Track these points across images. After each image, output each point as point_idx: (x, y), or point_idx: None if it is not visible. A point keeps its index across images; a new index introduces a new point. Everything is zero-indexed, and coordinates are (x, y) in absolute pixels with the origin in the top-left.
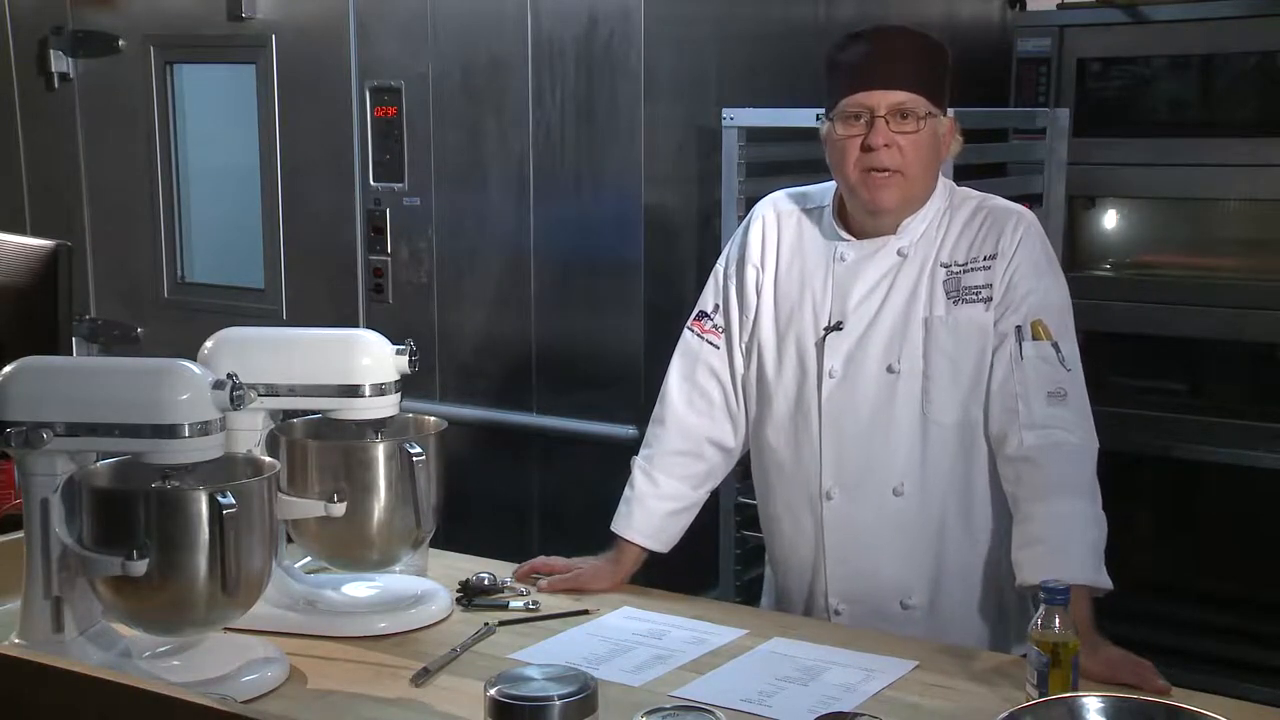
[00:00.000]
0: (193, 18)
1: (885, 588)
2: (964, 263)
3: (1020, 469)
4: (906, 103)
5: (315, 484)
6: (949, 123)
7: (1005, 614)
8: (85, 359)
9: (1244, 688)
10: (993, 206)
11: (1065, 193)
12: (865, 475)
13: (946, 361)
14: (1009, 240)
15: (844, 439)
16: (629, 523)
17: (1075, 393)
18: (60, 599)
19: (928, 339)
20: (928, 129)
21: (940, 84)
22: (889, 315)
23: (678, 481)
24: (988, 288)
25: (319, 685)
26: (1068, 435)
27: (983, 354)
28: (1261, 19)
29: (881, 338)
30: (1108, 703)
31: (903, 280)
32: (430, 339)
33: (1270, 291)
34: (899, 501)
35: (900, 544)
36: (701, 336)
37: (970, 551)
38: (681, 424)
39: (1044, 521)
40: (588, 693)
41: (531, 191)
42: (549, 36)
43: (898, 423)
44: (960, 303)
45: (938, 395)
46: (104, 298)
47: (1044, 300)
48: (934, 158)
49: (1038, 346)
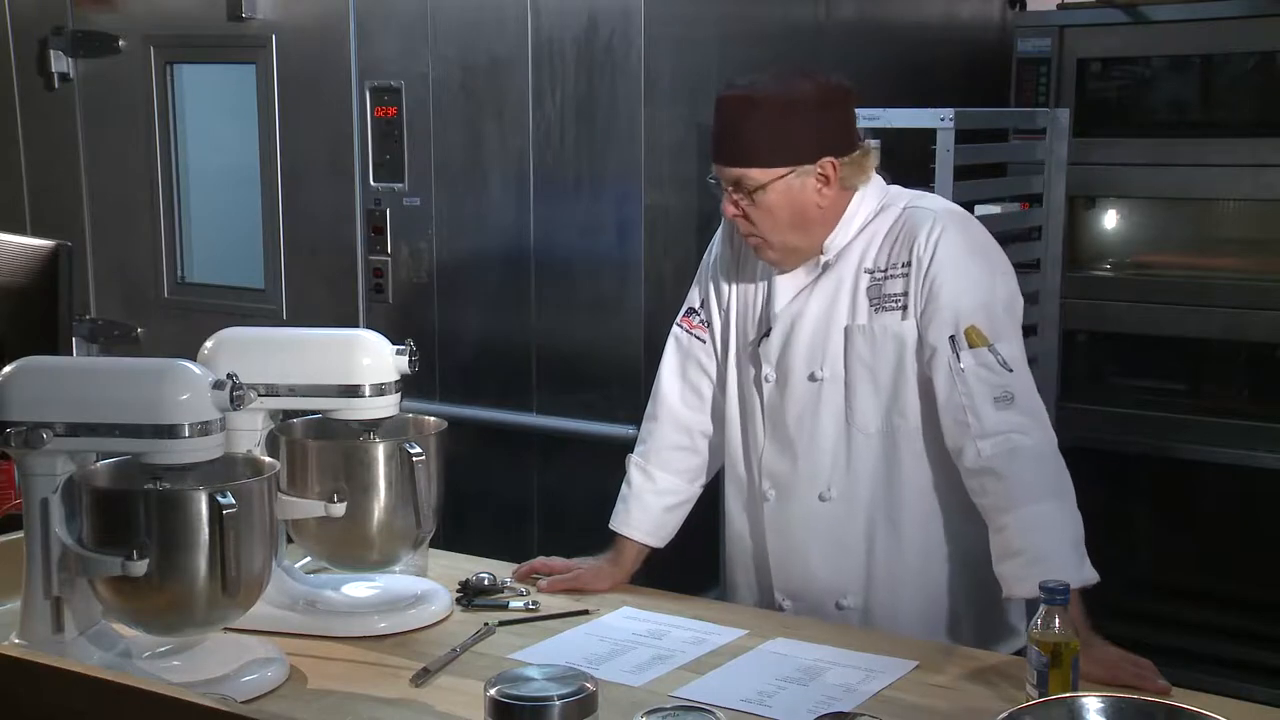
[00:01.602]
0: (193, 18)
1: (820, 588)
2: (884, 269)
3: (984, 481)
4: (740, 178)
5: (315, 484)
6: (825, 165)
7: (961, 622)
8: (85, 359)
9: (1244, 688)
10: (914, 209)
11: (1065, 193)
12: (795, 479)
13: (865, 370)
14: (923, 246)
15: (778, 442)
16: (627, 520)
17: (1022, 392)
18: (60, 599)
19: (848, 347)
20: (772, 194)
21: (792, 139)
22: (809, 323)
23: (674, 476)
24: (905, 295)
25: (319, 685)
26: (1023, 438)
27: (900, 363)
28: (1261, 19)
29: (804, 345)
30: (1108, 703)
31: (823, 288)
32: (430, 339)
33: (1270, 291)
34: (825, 507)
35: (829, 548)
36: (690, 332)
37: (900, 556)
38: (676, 419)
39: (1018, 532)
40: (588, 693)
41: (531, 192)
42: (549, 36)
43: (823, 429)
44: (880, 310)
45: (859, 404)
46: (104, 298)
47: (972, 303)
48: (796, 214)
49: (975, 354)
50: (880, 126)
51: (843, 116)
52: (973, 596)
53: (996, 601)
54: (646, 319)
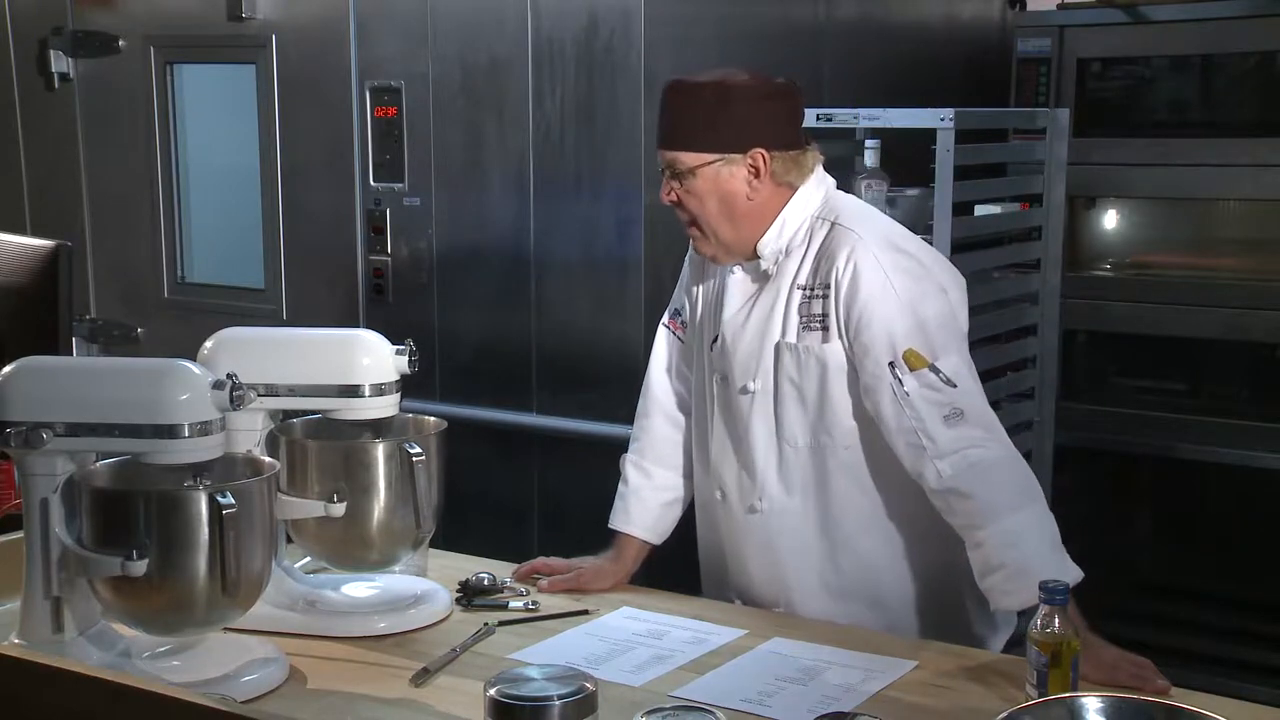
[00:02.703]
0: (193, 18)
1: (758, 592)
2: (812, 287)
3: (950, 501)
4: (672, 161)
5: (315, 484)
6: (757, 154)
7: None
8: (85, 359)
9: (1244, 688)
10: (838, 229)
11: (1065, 193)
12: (735, 487)
13: (792, 387)
14: (842, 269)
15: (722, 449)
16: (627, 517)
17: (970, 405)
18: (60, 599)
19: (778, 363)
20: (701, 179)
21: (723, 127)
22: (747, 335)
23: (670, 472)
24: (825, 317)
25: (319, 685)
26: (980, 451)
27: (823, 382)
28: (1261, 19)
29: (741, 357)
30: (1108, 703)
31: (761, 302)
32: (430, 339)
33: (1270, 291)
34: (758, 518)
35: (762, 557)
36: (675, 333)
37: (834, 572)
38: (667, 415)
39: (995, 547)
40: (588, 693)
41: (531, 192)
42: (549, 36)
43: (755, 442)
44: (806, 329)
45: (788, 419)
46: (104, 298)
47: (904, 326)
48: (724, 203)
49: (918, 376)
50: (880, 126)
51: (782, 111)
52: (929, 611)
53: (955, 612)
54: (646, 319)
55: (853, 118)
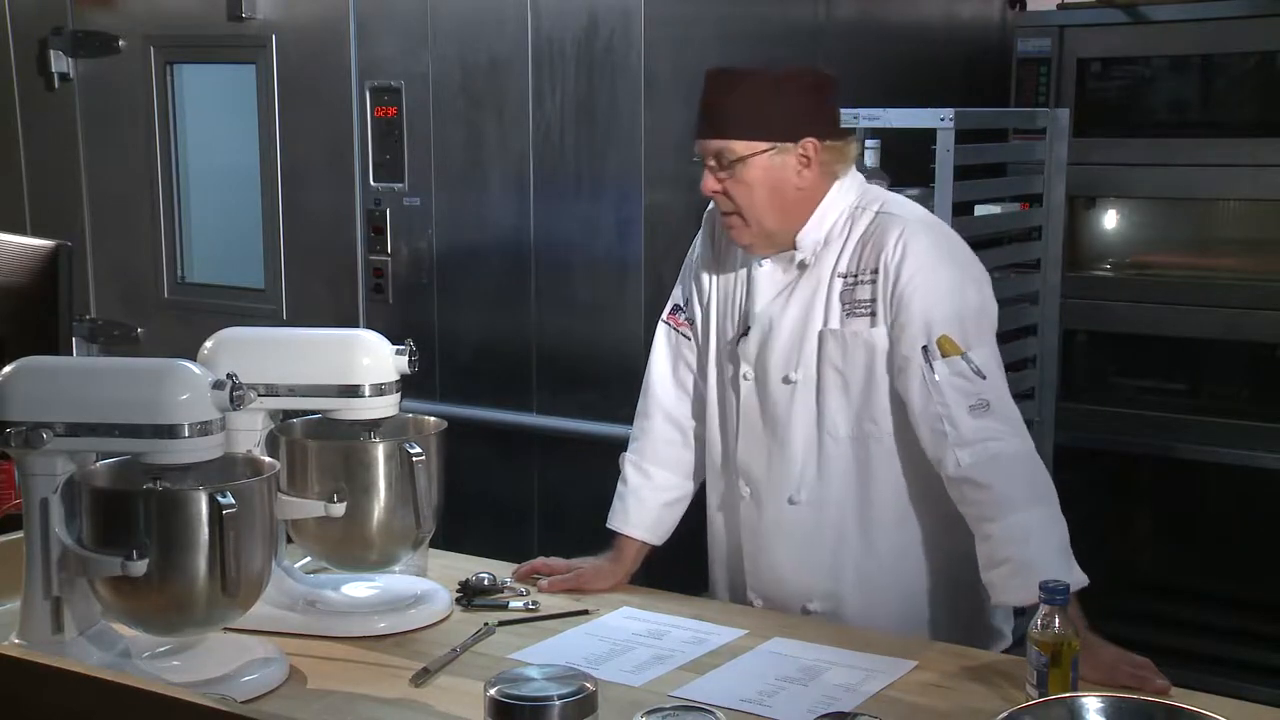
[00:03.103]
0: (193, 18)
1: (789, 591)
2: (855, 274)
3: (964, 490)
4: (721, 149)
5: (315, 484)
6: (807, 144)
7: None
8: (85, 359)
9: (1244, 688)
10: (884, 215)
11: (1065, 193)
12: (768, 481)
13: (837, 375)
14: (891, 253)
15: (753, 443)
16: (625, 518)
17: (997, 399)
18: (60, 599)
19: (821, 351)
20: (753, 169)
21: (776, 115)
22: (787, 325)
23: (669, 472)
24: (873, 302)
25: (319, 685)
26: (1001, 444)
27: (870, 369)
28: (1261, 19)
29: (781, 347)
30: (1108, 703)
31: (800, 291)
32: (430, 339)
33: (1270, 291)
34: (795, 510)
35: (798, 552)
36: (676, 330)
37: (872, 561)
38: (668, 415)
39: (1003, 541)
40: (588, 693)
41: (532, 192)
42: (549, 36)
43: (795, 433)
44: (851, 315)
45: (830, 408)
46: (104, 298)
47: (943, 312)
48: (774, 193)
49: (949, 363)
50: (880, 126)
51: (828, 101)
52: (952, 600)
53: (977, 604)
54: (646, 319)
55: (853, 118)
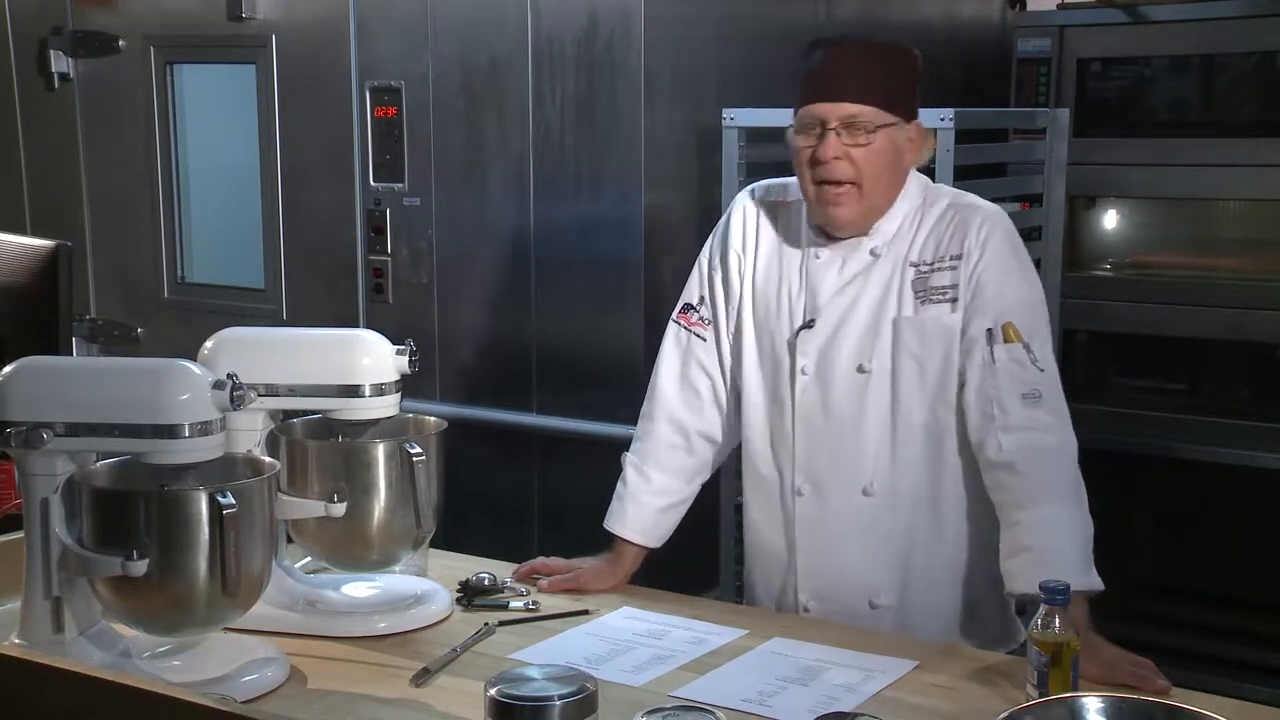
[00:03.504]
0: (193, 18)
1: (854, 587)
2: (931, 262)
3: (1001, 476)
4: (857, 115)
5: (315, 484)
6: (914, 128)
7: (976, 616)
8: (85, 359)
9: (1244, 688)
10: (962, 205)
11: (1065, 193)
12: (835, 474)
13: (913, 362)
14: (974, 240)
15: (816, 437)
16: (622, 520)
17: (1050, 393)
18: (60, 599)
19: (896, 339)
20: (882, 139)
21: (901, 91)
22: (861, 315)
23: (669, 476)
24: (954, 288)
25: (319, 685)
26: (1045, 437)
27: (948, 355)
28: (1261, 19)
29: (853, 337)
30: (1108, 703)
31: (874, 280)
32: (430, 339)
33: (1270, 291)
34: (868, 501)
35: (868, 544)
36: (689, 329)
37: (939, 553)
38: (672, 418)
39: (1030, 528)
40: (588, 693)
41: (531, 192)
42: (549, 36)
43: (868, 422)
44: (927, 303)
45: (906, 395)
46: (104, 298)
47: (1013, 301)
48: (892, 167)
49: (1009, 349)
50: None
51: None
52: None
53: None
54: (646, 319)
55: None
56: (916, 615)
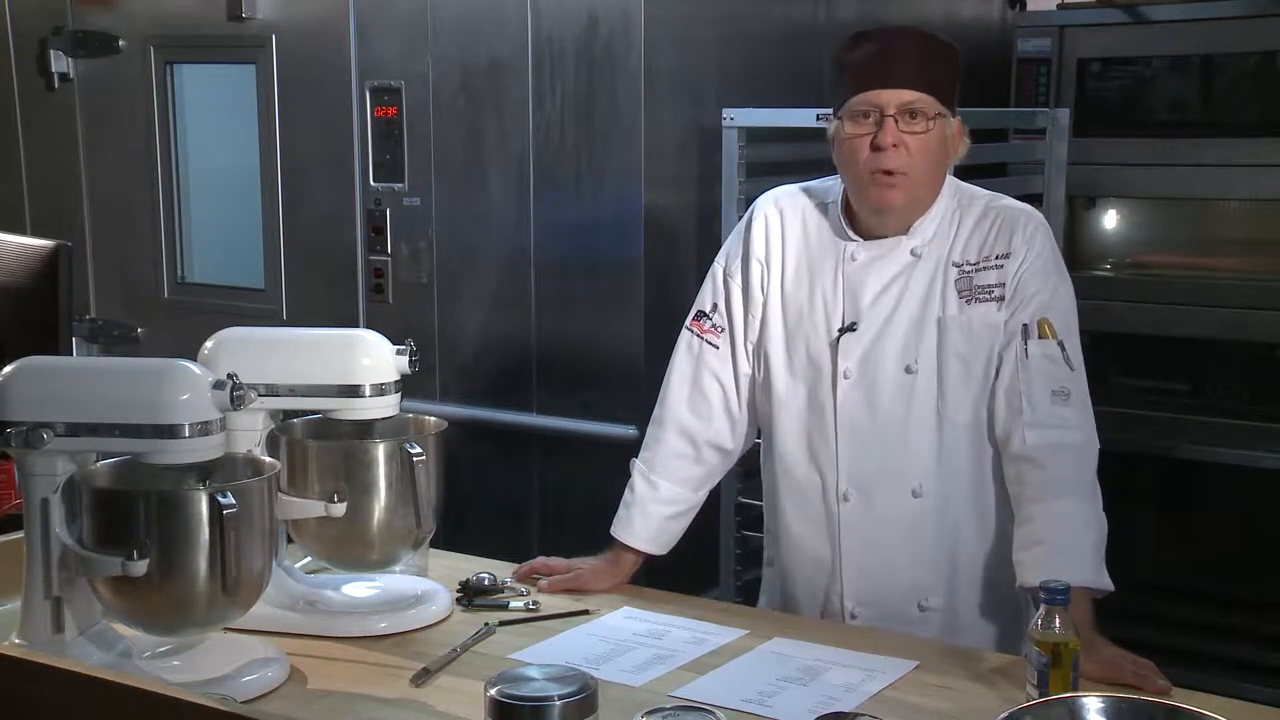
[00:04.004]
0: (193, 18)
1: (903, 590)
2: (976, 262)
3: (1022, 469)
4: (916, 102)
5: (315, 484)
6: (957, 124)
7: (1019, 614)
8: (85, 359)
9: (1244, 688)
10: (1002, 206)
11: (1065, 193)
12: (882, 477)
13: (959, 361)
14: (1021, 239)
15: (860, 440)
16: (629, 528)
17: (1079, 392)
18: (60, 599)
19: (941, 338)
20: (936, 130)
21: (949, 85)
22: (905, 315)
23: (677, 485)
24: (1000, 286)
25: (319, 685)
26: (1070, 434)
27: (993, 353)
28: (1261, 19)
29: (898, 338)
30: (1108, 703)
31: (917, 280)
32: (430, 339)
33: (1270, 291)
34: (917, 503)
35: (918, 545)
36: (701, 337)
37: (984, 551)
38: (681, 426)
39: (1045, 522)
40: (588, 693)
41: (531, 192)
42: (549, 36)
43: (915, 423)
44: (973, 301)
45: (952, 394)
46: (104, 298)
47: (1051, 299)
48: (941, 159)
49: (1043, 345)
50: None
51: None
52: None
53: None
54: (646, 319)
55: None
56: (962, 616)
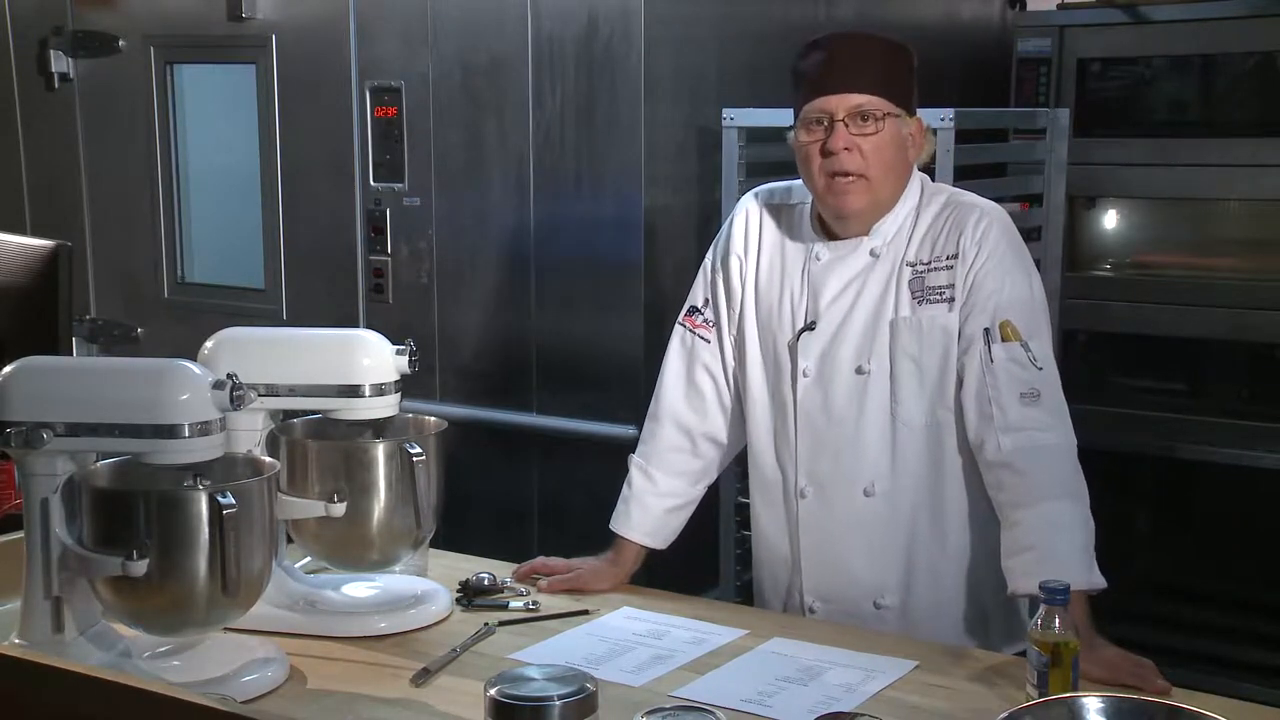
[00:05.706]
0: (193, 18)
1: (858, 587)
2: (928, 262)
3: (1001, 475)
4: (865, 105)
5: (315, 484)
6: (916, 123)
7: (984, 615)
8: (85, 359)
9: (1244, 688)
10: (958, 204)
11: (1065, 193)
12: (837, 475)
13: (911, 362)
14: (969, 239)
15: (817, 438)
16: (628, 521)
17: (1049, 392)
18: (60, 599)
19: (893, 340)
20: (889, 130)
21: (902, 85)
22: (860, 316)
23: (675, 478)
24: (950, 288)
25: (319, 685)
26: (1045, 436)
27: (946, 355)
28: (1261, 19)
29: (853, 339)
30: (1108, 703)
31: (874, 281)
32: (430, 339)
33: (1270, 291)
34: (869, 502)
35: (871, 544)
36: (694, 332)
37: (941, 553)
38: (678, 420)
39: (1031, 528)
40: (588, 693)
41: (531, 192)
42: (549, 36)
43: (868, 424)
44: (924, 302)
45: (905, 397)
46: (104, 298)
47: (1010, 299)
48: (898, 159)
49: (1007, 348)
50: None
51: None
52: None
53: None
54: (646, 319)
55: None
56: (921, 615)
